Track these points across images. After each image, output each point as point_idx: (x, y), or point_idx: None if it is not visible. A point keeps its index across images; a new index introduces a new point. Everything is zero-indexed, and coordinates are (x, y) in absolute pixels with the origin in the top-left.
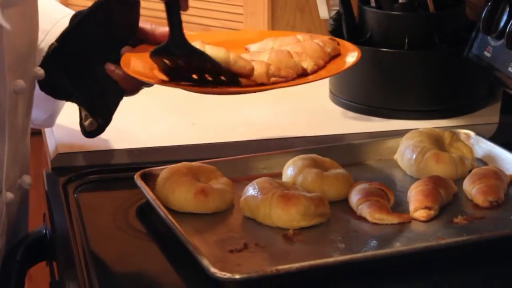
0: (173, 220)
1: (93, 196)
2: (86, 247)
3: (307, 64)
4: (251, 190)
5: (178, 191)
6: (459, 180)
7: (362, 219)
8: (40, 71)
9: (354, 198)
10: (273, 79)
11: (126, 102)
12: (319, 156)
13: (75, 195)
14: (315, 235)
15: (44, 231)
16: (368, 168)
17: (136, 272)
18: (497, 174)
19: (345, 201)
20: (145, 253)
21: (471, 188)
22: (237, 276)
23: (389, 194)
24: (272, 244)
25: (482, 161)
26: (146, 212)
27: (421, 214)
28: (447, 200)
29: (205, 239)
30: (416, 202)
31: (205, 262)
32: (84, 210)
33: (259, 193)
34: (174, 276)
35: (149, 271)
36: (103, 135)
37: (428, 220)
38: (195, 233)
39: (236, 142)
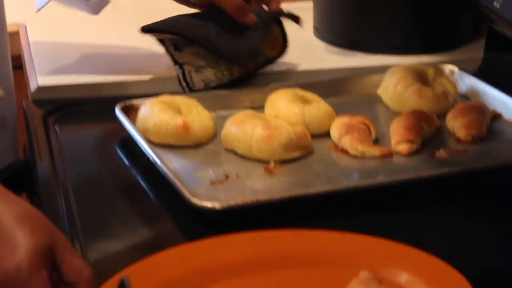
0: (153, 153)
1: (74, 128)
2: (66, 179)
3: None
4: (233, 123)
5: (159, 124)
6: (442, 115)
7: (344, 152)
8: None
9: (336, 131)
10: None
11: (110, 36)
12: (302, 90)
13: (56, 127)
14: (297, 167)
15: (24, 163)
16: (351, 103)
17: (118, 205)
18: (480, 108)
19: (327, 134)
20: (127, 186)
21: (454, 122)
22: (217, 206)
23: (371, 128)
24: (253, 176)
25: (466, 97)
26: (127, 144)
27: (403, 147)
28: (429, 134)
29: (186, 171)
30: (398, 135)
31: (186, 193)
32: (64, 142)
33: (240, 125)
34: (156, 208)
35: (130, 203)
36: (84, 69)
37: (410, 154)
38: (176, 165)
39: None
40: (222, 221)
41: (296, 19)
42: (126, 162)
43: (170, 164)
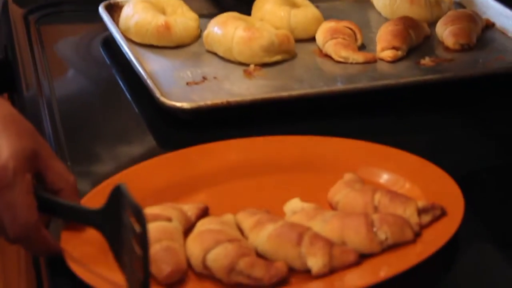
0: (130, 52)
1: (55, 28)
2: (47, 77)
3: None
4: (215, 24)
5: (140, 23)
6: (434, 24)
7: (328, 57)
8: None
9: (321, 35)
10: None
11: None
12: None
13: (37, 26)
14: (278, 71)
15: (5, 63)
16: (343, 8)
17: (97, 103)
18: (471, 17)
19: (313, 39)
20: (107, 85)
21: (443, 30)
22: (186, 106)
23: (357, 33)
24: (231, 78)
25: (461, 5)
26: (109, 44)
27: (387, 54)
28: (417, 42)
29: (164, 71)
30: (384, 42)
31: (156, 92)
32: (46, 41)
33: (222, 26)
34: (132, 108)
35: (109, 103)
36: None
37: (394, 61)
38: (155, 65)
39: None
40: (198, 125)
41: None
42: (108, 61)
43: (148, 64)
